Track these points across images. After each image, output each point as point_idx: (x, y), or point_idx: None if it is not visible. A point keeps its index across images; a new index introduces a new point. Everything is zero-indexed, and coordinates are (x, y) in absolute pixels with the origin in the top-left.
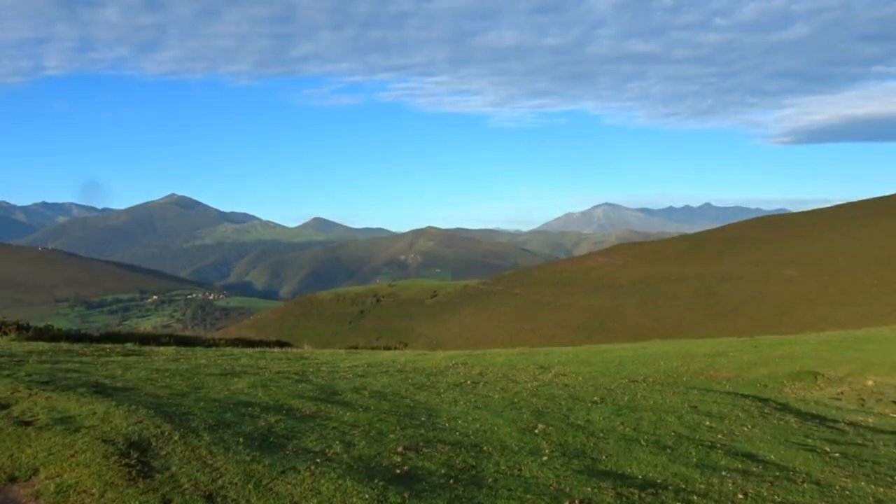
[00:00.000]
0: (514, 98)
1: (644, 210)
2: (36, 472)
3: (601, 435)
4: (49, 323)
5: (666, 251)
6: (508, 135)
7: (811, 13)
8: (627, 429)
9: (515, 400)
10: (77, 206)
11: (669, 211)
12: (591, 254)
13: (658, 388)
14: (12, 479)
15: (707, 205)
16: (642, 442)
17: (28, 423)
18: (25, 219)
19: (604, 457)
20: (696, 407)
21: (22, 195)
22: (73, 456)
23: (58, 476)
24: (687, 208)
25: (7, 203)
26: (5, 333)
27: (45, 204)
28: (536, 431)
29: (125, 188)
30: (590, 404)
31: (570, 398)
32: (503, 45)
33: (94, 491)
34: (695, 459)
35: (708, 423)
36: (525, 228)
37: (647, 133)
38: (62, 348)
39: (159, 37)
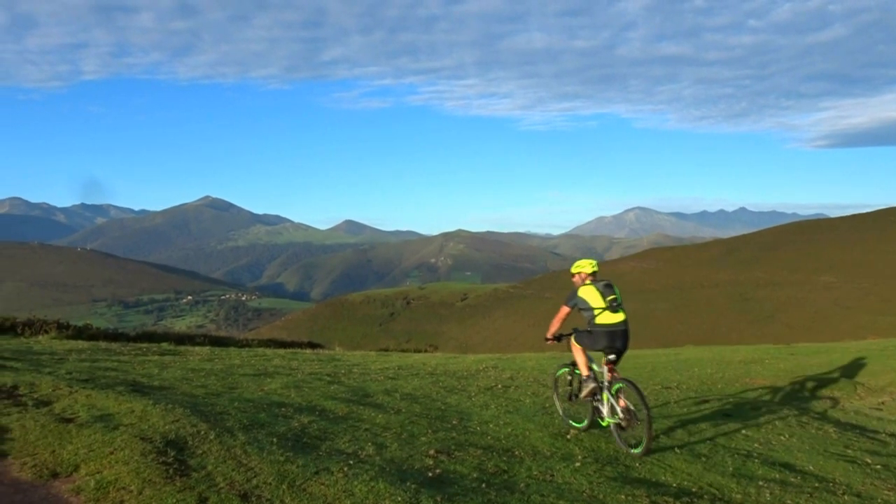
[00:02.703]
0: (544, 101)
1: (677, 214)
2: (77, 468)
3: (633, 440)
4: (87, 322)
5: (699, 256)
6: (538, 138)
7: (849, 14)
8: (661, 436)
9: (547, 405)
10: (115, 207)
11: (703, 215)
12: (623, 258)
13: (691, 395)
14: (54, 475)
15: (742, 209)
16: (676, 450)
17: (69, 420)
18: (65, 220)
19: (637, 464)
20: (730, 415)
21: (62, 197)
22: (112, 453)
23: (98, 472)
24: (721, 213)
25: (48, 205)
26: (46, 332)
27: (84, 205)
28: (569, 437)
29: (161, 190)
30: None
31: None
32: (532, 48)
33: (132, 488)
34: (731, 469)
35: (744, 431)
36: (556, 232)
37: (679, 136)
38: (100, 347)
39: (192, 41)
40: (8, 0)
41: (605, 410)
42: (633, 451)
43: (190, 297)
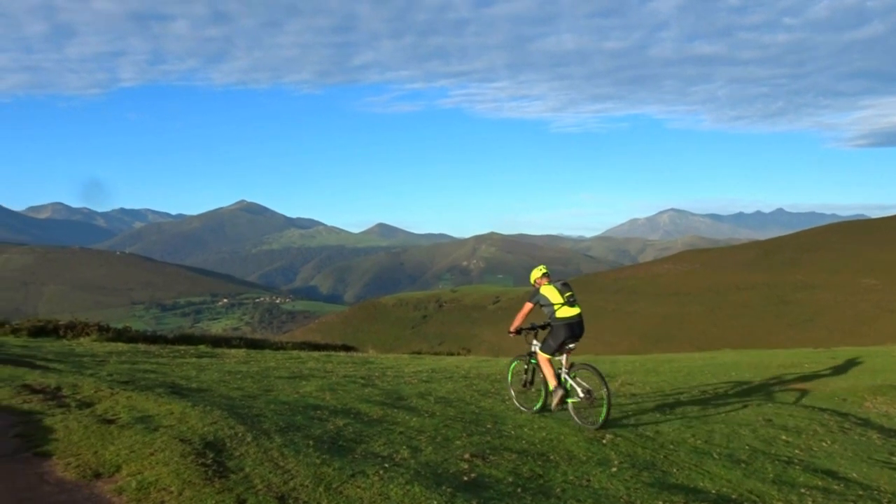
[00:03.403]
0: (575, 102)
1: (712, 216)
2: (118, 468)
3: (671, 447)
4: (127, 325)
5: (736, 258)
6: (570, 140)
7: (888, 10)
8: (698, 441)
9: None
10: (153, 212)
11: (739, 217)
12: (657, 260)
13: (730, 400)
14: (97, 475)
15: (779, 210)
16: (714, 455)
17: (111, 422)
18: (105, 224)
19: (675, 470)
20: (770, 420)
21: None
22: (152, 454)
23: (139, 473)
24: (758, 214)
25: (89, 209)
26: (87, 334)
27: (123, 210)
28: (604, 442)
29: (197, 195)
30: (658, 415)
31: (637, 408)
32: (563, 50)
33: (173, 489)
34: (771, 475)
35: (784, 437)
36: (588, 234)
37: (713, 137)
38: (140, 349)
39: (226, 48)
40: (49, 10)
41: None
42: (591, 426)
43: (225, 300)
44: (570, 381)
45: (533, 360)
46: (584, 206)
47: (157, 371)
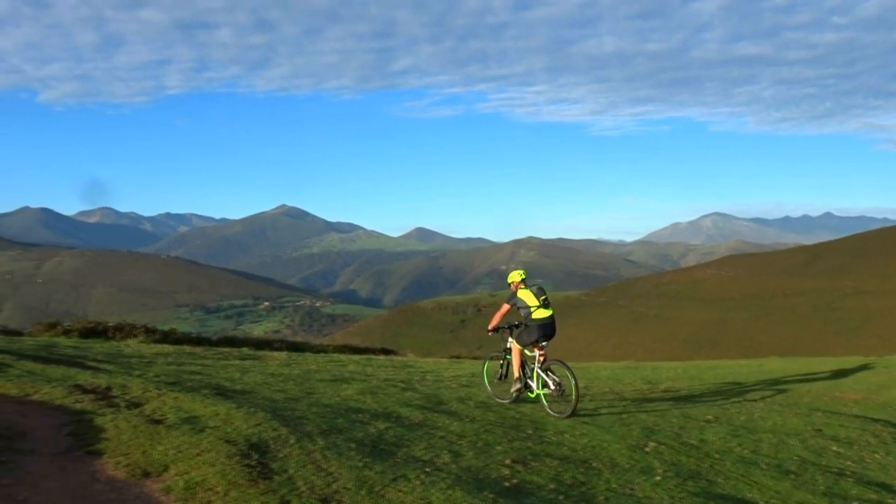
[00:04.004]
0: (615, 106)
1: (757, 220)
2: (166, 468)
3: (717, 456)
4: (173, 327)
5: (782, 263)
6: (610, 143)
7: None
8: (745, 451)
9: (623, 416)
10: (197, 216)
11: (786, 221)
12: (700, 265)
13: (777, 409)
14: (146, 474)
15: (827, 214)
16: (762, 465)
17: (158, 422)
18: (151, 229)
19: (721, 479)
20: (820, 430)
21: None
22: (199, 454)
23: (186, 473)
24: (805, 218)
25: (136, 214)
26: (134, 336)
27: (168, 214)
28: (647, 450)
29: (240, 199)
30: (703, 423)
31: (681, 416)
32: (603, 53)
33: (219, 489)
34: (822, 487)
35: (835, 448)
36: (629, 239)
37: (758, 139)
38: (185, 351)
39: (269, 55)
40: (99, 21)
41: (534, 385)
42: (560, 416)
43: (267, 303)
44: (543, 375)
45: (508, 356)
46: (625, 210)
47: (202, 373)
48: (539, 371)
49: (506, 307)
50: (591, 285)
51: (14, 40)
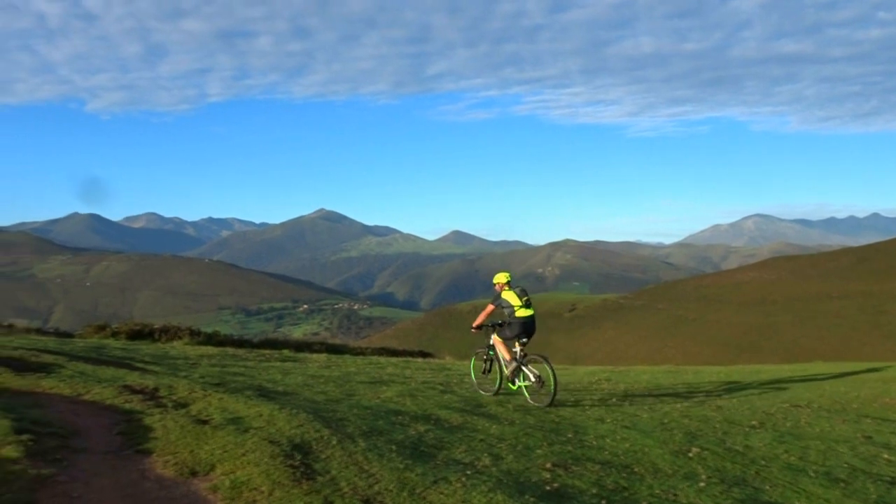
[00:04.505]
0: (653, 106)
1: (801, 221)
2: (213, 467)
3: (762, 463)
4: (216, 329)
5: (827, 266)
6: (647, 144)
7: None
8: (792, 457)
9: (665, 420)
10: (238, 220)
11: (831, 222)
12: (742, 268)
13: (825, 415)
14: (193, 473)
15: (875, 215)
16: (810, 473)
17: (204, 422)
18: (194, 233)
19: (767, 487)
20: (870, 437)
21: (192, 211)
22: (244, 455)
23: (232, 473)
24: (851, 219)
25: (179, 219)
26: (179, 338)
27: (210, 219)
28: (691, 455)
29: (279, 204)
30: (747, 429)
31: (724, 421)
32: (640, 53)
33: (263, 489)
34: (874, 496)
35: (886, 455)
36: (668, 241)
37: (801, 139)
38: (228, 353)
39: (306, 62)
40: (143, 32)
41: (517, 378)
42: (540, 405)
43: (306, 306)
44: (524, 369)
45: (491, 352)
46: (663, 212)
47: (245, 374)
48: (521, 365)
49: (490, 307)
50: (628, 288)
51: (64, 52)
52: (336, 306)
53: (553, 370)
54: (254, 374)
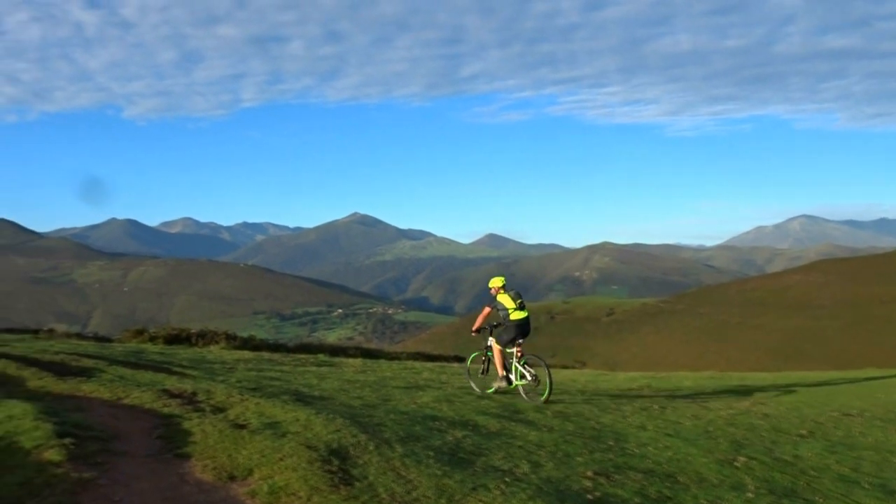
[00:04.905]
0: (692, 105)
1: (850, 222)
2: (251, 472)
3: (813, 473)
4: (252, 334)
5: (878, 268)
6: (687, 144)
7: None
8: (844, 468)
9: (710, 428)
10: (273, 225)
11: (881, 223)
12: (787, 271)
13: (878, 424)
14: (231, 478)
15: None
16: (864, 485)
17: (242, 427)
18: (230, 237)
19: (819, 499)
20: None
21: (227, 216)
22: (281, 459)
23: (270, 478)
24: None
25: (215, 223)
26: (216, 342)
27: (245, 224)
28: (737, 464)
29: (313, 208)
30: (796, 438)
31: (772, 430)
32: (679, 51)
33: (301, 494)
34: None
35: None
36: (710, 243)
37: (849, 136)
38: (264, 357)
39: (339, 66)
40: (178, 38)
41: (513, 377)
42: (535, 402)
43: (340, 311)
44: (521, 368)
45: (489, 353)
46: (705, 214)
47: (281, 379)
48: (517, 365)
49: (487, 310)
50: (668, 292)
51: (101, 60)
52: (370, 311)
53: (549, 370)
54: (290, 378)
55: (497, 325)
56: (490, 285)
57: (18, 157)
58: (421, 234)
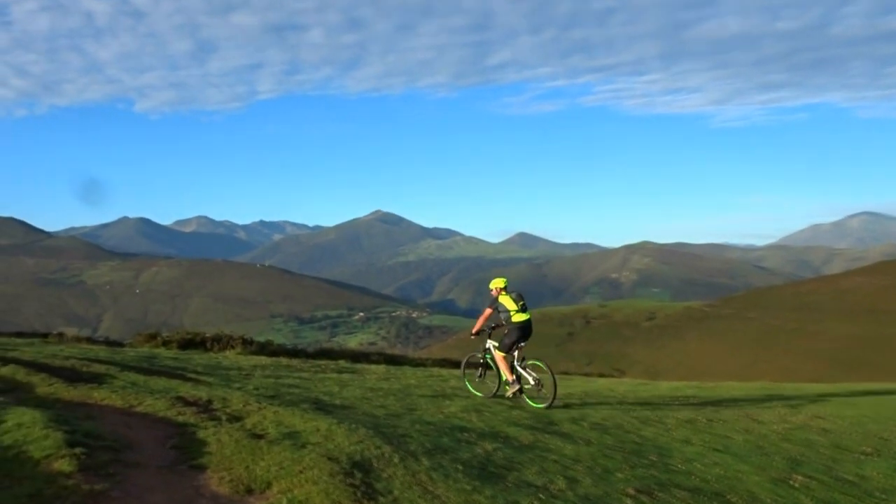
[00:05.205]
0: (741, 93)
1: None
2: (269, 485)
3: (880, 496)
4: (269, 338)
5: None
6: (735, 136)
7: None
8: None
9: (762, 444)
10: (291, 223)
11: None
12: (848, 272)
13: None
14: (249, 491)
15: None
16: None
17: (259, 437)
18: (246, 237)
19: None
20: None
21: (243, 214)
22: (301, 472)
23: (289, 491)
24: None
25: (230, 222)
26: (232, 347)
27: (262, 222)
28: (794, 484)
29: (333, 205)
30: (860, 456)
31: (832, 446)
32: (725, 35)
33: None
34: None
35: None
36: (760, 243)
37: None
38: (282, 363)
39: (360, 54)
40: (192, 28)
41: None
42: (539, 406)
43: (362, 314)
44: (523, 372)
45: (487, 355)
46: (755, 211)
47: (300, 386)
48: (518, 368)
49: (488, 311)
50: (715, 295)
51: (112, 51)
52: (393, 314)
53: (553, 374)
54: (309, 386)
55: (495, 326)
56: (491, 286)
57: (27, 153)
58: (447, 233)
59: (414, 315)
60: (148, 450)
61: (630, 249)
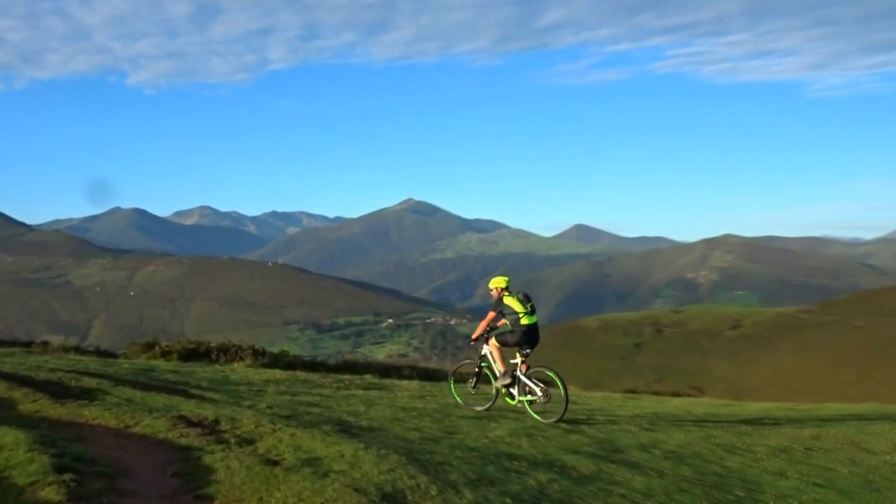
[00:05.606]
0: (844, 56)
1: None
2: None
3: None
4: (284, 349)
5: None
6: (836, 106)
7: None
8: None
9: (872, 478)
10: (307, 215)
11: None
12: None
13: None
14: None
15: None
16: None
17: (275, 463)
18: (255, 230)
19: None
20: None
21: (252, 204)
22: None
23: None
24: None
25: (238, 213)
26: (241, 359)
27: (274, 213)
28: None
29: (357, 193)
30: None
31: None
32: None
33: None
34: None
35: None
36: (868, 236)
37: None
38: (299, 378)
39: (387, 16)
40: None
41: (515, 392)
42: (546, 421)
43: (391, 321)
44: (528, 382)
45: (483, 363)
46: (862, 198)
47: (320, 404)
48: (523, 378)
49: (492, 314)
50: (813, 298)
51: (101, 15)
52: (428, 321)
53: (564, 385)
54: (331, 404)
55: (494, 327)
56: (491, 286)
57: (4, 135)
58: (491, 226)
59: (452, 322)
60: (146, 477)
61: (710, 244)
